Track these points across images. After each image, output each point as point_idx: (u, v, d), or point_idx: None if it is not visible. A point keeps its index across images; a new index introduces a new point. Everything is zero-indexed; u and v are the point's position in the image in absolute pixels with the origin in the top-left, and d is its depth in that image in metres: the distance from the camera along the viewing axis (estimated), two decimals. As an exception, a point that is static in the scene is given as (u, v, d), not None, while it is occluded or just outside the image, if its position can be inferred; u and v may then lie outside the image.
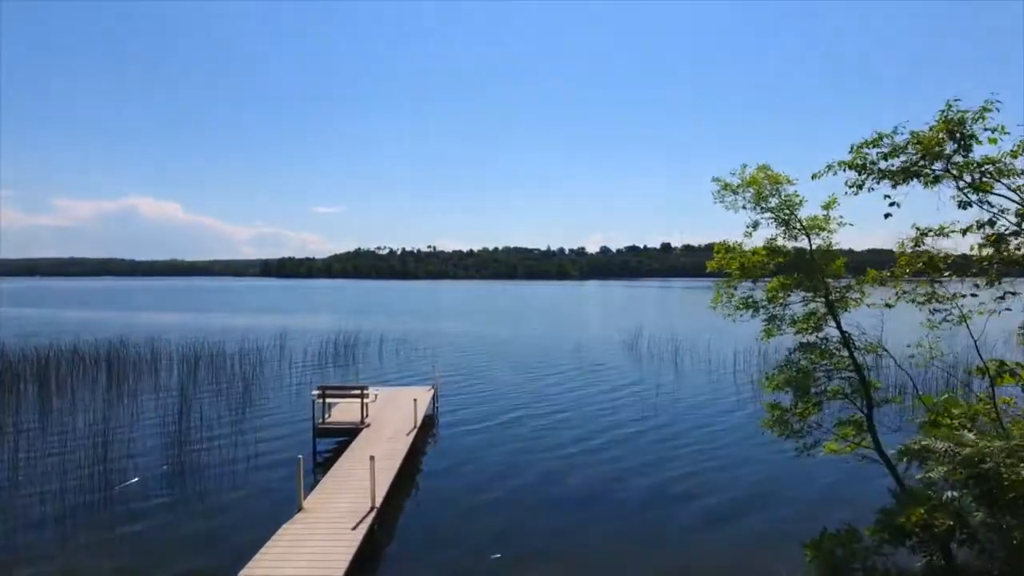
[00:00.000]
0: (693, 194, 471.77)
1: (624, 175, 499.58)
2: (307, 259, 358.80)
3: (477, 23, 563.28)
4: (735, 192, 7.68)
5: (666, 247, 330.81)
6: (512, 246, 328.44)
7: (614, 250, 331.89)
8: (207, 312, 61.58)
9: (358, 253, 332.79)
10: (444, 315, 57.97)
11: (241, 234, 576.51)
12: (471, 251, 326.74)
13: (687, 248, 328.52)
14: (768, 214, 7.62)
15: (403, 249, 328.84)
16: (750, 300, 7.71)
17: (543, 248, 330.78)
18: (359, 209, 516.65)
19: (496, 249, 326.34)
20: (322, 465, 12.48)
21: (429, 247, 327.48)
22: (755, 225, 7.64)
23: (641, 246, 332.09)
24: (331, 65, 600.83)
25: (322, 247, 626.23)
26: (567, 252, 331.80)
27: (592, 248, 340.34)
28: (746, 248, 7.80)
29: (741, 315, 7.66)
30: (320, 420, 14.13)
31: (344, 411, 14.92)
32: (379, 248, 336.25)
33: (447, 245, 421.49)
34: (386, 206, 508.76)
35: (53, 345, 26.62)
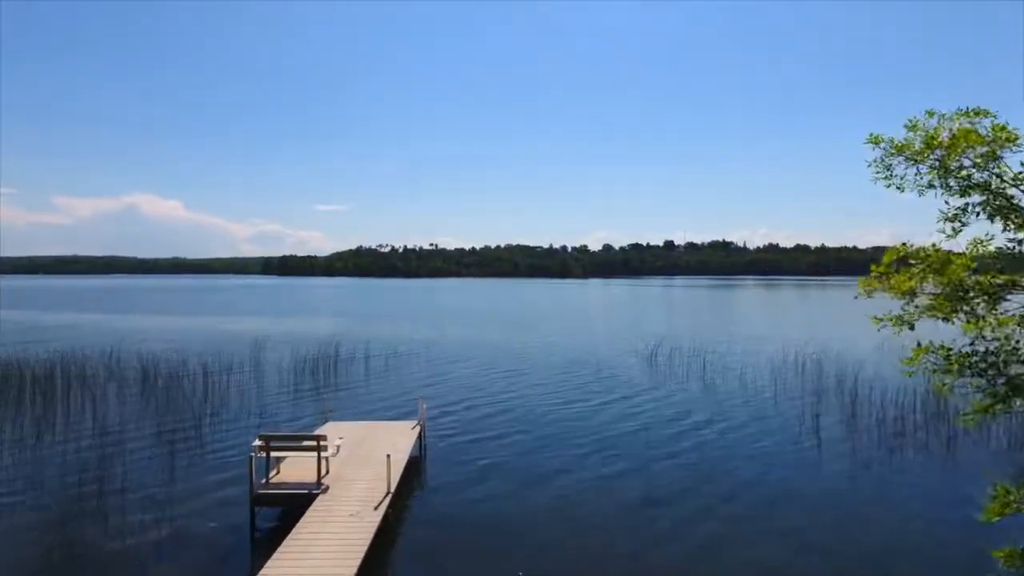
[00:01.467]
0: (695, 191, 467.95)
1: (625, 171, 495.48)
2: (309, 257, 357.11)
3: (482, 22, 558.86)
4: (917, 160, 4.27)
5: (669, 245, 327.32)
6: (514, 243, 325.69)
7: (616, 248, 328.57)
8: (189, 315, 58.27)
9: (360, 251, 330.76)
10: (445, 318, 54.11)
11: (243, 232, 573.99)
12: (473, 248, 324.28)
13: (690, 246, 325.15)
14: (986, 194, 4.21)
15: (405, 247, 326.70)
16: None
17: (545, 246, 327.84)
18: (361, 207, 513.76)
19: (498, 247, 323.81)
20: (262, 548, 9.06)
21: (431, 245, 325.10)
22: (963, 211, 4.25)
23: (644, 243, 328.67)
24: (334, 62, 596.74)
25: (324, 245, 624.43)
26: (569, 250, 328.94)
27: (594, 245, 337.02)
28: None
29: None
30: (260, 483, 10.63)
31: (295, 469, 11.32)
32: (381, 246, 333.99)
33: (449, 243, 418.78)
34: (388, 204, 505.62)
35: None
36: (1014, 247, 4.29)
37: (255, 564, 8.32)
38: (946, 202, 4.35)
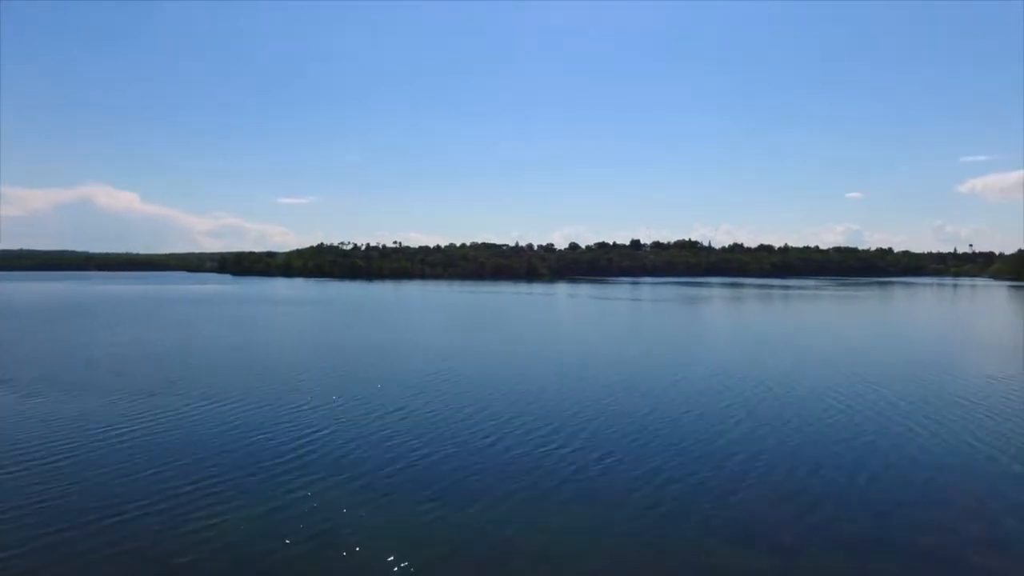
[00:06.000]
0: (660, 190, 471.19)
1: (591, 168, 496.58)
2: (266, 254, 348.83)
3: (445, 13, 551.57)
4: None
5: (635, 244, 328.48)
6: (480, 241, 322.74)
7: (583, 246, 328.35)
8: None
9: (321, 249, 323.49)
10: (402, 360, 41.55)
11: (202, 225, 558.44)
12: (438, 246, 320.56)
13: (656, 245, 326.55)
14: None
15: (368, 244, 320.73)
16: None
17: (511, 243, 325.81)
18: (326, 200, 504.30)
19: (464, 245, 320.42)
20: None
21: (395, 242, 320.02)
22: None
23: (611, 243, 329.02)
24: (297, 53, 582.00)
25: (286, 239, 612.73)
26: (536, 248, 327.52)
27: (561, 243, 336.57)
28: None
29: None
30: None
31: None
32: (343, 243, 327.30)
33: (414, 239, 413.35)
34: (353, 197, 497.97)
35: None
36: None
37: None
38: None
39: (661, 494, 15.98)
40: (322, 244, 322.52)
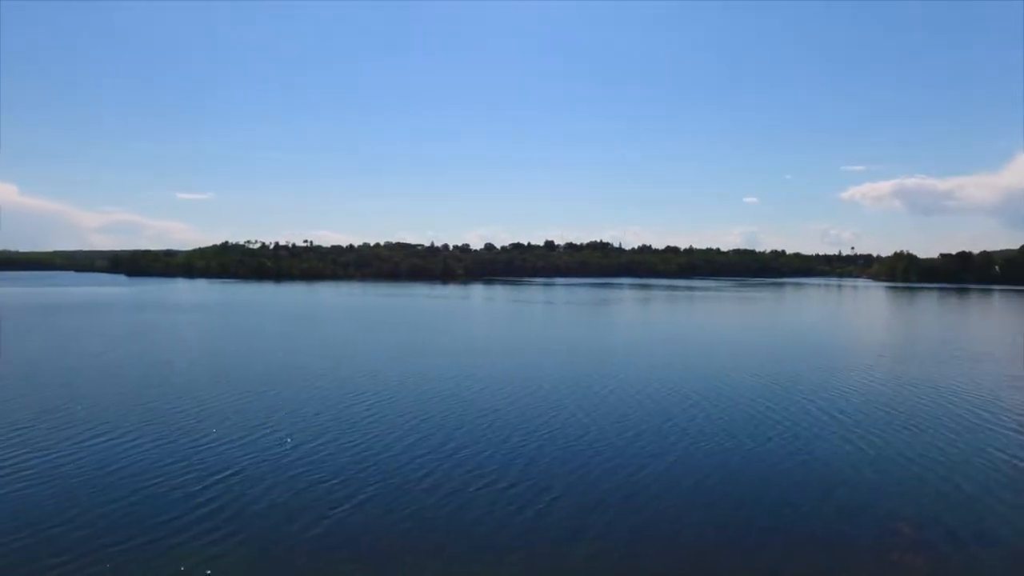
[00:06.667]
0: (574, 192, 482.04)
1: (507, 169, 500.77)
2: (166, 252, 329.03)
3: (368, 5, 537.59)
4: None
5: (550, 245, 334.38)
6: (395, 241, 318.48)
7: (498, 247, 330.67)
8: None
9: (225, 248, 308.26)
10: (309, 380, 45.82)
11: (92, 221, 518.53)
12: (351, 246, 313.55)
13: (570, 246, 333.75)
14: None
15: (276, 244, 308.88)
16: None
17: (427, 243, 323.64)
18: (231, 197, 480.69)
19: (378, 244, 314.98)
20: None
21: (306, 241, 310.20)
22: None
23: (525, 243, 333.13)
24: (197, 36, 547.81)
25: (187, 237, 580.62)
26: (451, 248, 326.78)
27: (476, 243, 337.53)
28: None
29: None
30: None
31: None
32: (250, 242, 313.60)
33: (326, 239, 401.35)
34: (261, 194, 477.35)
35: None
36: None
37: None
38: None
39: (564, 499, 16.28)
40: (227, 243, 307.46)
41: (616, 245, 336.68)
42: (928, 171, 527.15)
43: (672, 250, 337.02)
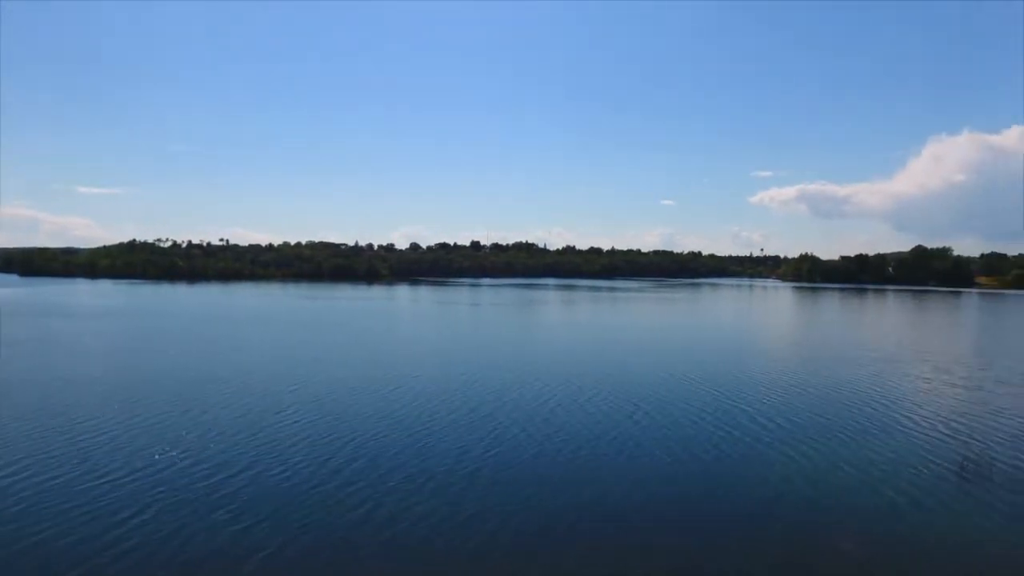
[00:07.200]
0: (499, 192, 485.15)
1: (433, 169, 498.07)
2: (67, 250, 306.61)
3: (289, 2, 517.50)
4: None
5: (476, 245, 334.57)
6: (317, 240, 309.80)
7: (424, 247, 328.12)
8: None
9: (133, 246, 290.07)
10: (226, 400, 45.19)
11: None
12: (271, 245, 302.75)
13: (496, 246, 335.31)
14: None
15: (189, 242, 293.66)
16: None
17: (351, 243, 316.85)
18: (140, 192, 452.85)
19: (299, 244, 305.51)
20: None
21: (221, 240, 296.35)
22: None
23: (452, 243, 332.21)
24: (105, 23, 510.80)
25: (91, 234, 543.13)
26: (376, 247, 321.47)
27: (401, 243, 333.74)
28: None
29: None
30: None
31: None
32: (160, 240, 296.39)
33: (243, 237, 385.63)
34: (174, 190, 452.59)
35: None
36: None
37: None
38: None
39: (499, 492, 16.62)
40: (135, 241, 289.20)
41: (541, 246, 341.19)
42: (829, 177, 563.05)
43: (595, 251, 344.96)
